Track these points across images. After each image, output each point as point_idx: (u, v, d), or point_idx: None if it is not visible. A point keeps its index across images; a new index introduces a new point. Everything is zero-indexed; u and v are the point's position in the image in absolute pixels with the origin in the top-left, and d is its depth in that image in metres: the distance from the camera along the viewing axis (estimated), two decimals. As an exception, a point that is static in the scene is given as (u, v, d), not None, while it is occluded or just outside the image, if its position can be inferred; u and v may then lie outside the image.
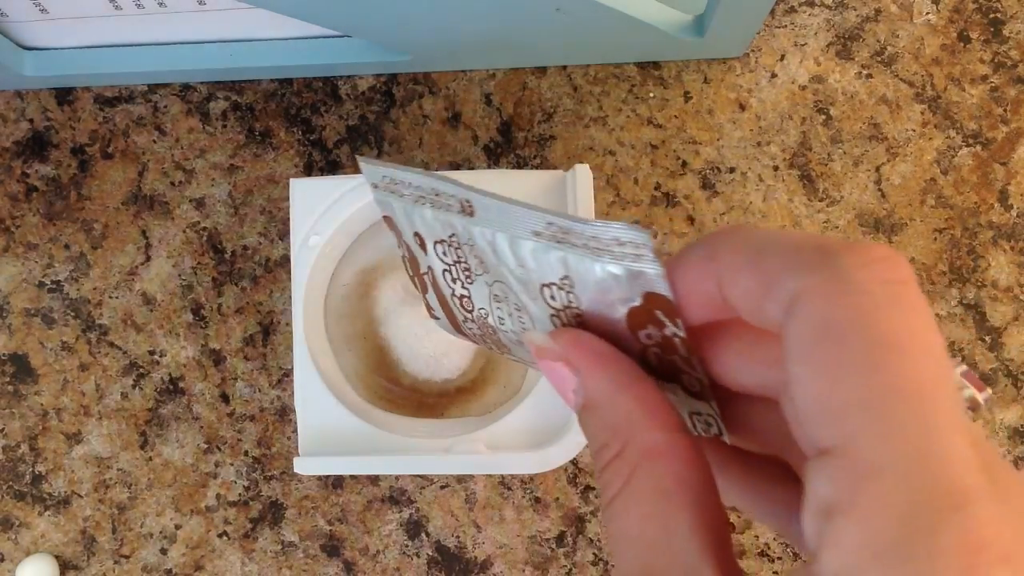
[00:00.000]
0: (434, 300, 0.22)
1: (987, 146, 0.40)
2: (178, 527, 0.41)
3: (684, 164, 0.40)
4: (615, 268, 0.16)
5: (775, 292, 0.14)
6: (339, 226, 0.36)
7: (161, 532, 0.41)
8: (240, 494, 0.41)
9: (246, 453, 0.41)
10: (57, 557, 0.41)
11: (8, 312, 0.42)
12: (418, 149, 0.41)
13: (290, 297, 0.38)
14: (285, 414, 0.41)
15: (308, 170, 0.42)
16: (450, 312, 0.22)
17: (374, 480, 0.40)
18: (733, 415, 0.18)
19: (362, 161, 0.20)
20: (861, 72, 0.40)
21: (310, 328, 0.36)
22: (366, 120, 0.42)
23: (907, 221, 0.40)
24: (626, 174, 0.40)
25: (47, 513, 0.41)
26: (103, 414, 0.41)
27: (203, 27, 0.39)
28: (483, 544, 0.40)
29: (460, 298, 0.21)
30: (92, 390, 0.41)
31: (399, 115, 0.42)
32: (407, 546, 0.40)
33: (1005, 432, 0.39)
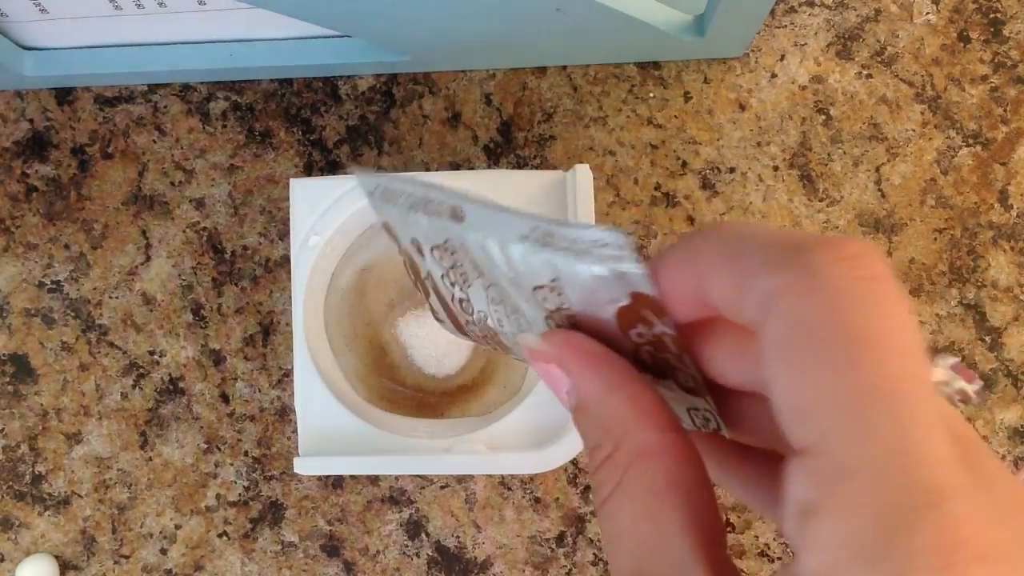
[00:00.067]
0: (437, 304, 0.22)
1: (987, 146, 0.40)
2: (178, 527, 0.41)
3: (684, 164, 0.40)
4: (600, 269, 0.16)
5: (750, 292, 0.14)
6: (339, 226, 0.36)
7: (161, 532, 0.41)
8: (240, 494, 0.41)
9: (246, 453, 0.41)
10: (57, 557, 0.41)
11: (8, 312, 0.42)
12: (418, 149, 0.41)
13: (290, 297, 0.38)
14: (285, 414, 0.41)
15: (308, 170, 0.42)
16: (453, 315, 0.22)
17: (374, 480, 0.40)
18: (730, 410, 0.18)
19: (357, 171, 0.20)
20: (861, 72, 0.40)
21: (310, 328, 0.36)
22: (366, 120, 0.42)
23: (907, 221, 0.40)
24: (626, 174, 0.40)
25: (47, 513, 0.41)
26: (103, 414, 0.41)
27: (203, 27, 0.39)
28: (483, 544, 0.40)
29: (460, 301, 0.21)
30: (92, 390, 0.41)
31: (399, 115, 0.42)
32: (407, 546, 0.40)
33: (1005, 432, 0.39)
